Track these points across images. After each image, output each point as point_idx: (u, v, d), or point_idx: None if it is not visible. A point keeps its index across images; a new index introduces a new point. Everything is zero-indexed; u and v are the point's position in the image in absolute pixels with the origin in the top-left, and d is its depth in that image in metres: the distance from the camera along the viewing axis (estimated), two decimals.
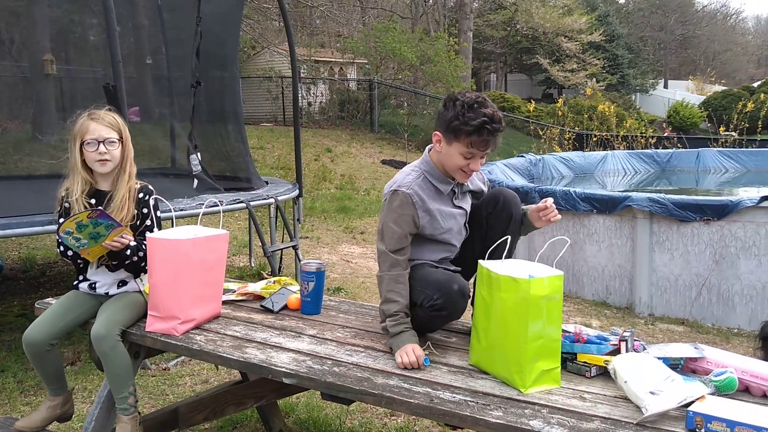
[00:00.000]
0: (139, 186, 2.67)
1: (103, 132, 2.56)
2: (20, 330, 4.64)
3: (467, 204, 2.53)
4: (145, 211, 2.66)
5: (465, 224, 2.51)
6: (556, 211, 2.37)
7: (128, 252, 2.54)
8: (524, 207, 2.51)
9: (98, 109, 2.65)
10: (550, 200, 2.37)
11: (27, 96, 8.02)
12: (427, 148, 2.47)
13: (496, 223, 2.41)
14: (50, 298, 2.79)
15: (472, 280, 2.43)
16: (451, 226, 2.44)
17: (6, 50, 7.92)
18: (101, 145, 2.55)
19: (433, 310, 2.23)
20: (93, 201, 2.55)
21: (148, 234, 2.51)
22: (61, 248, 2.61)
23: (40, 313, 2.69)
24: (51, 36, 7.69)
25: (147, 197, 2.67)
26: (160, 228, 2.69)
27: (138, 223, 2.63)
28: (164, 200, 2.65)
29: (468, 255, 2.49)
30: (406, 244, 2.34)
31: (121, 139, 2.62)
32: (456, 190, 2.47)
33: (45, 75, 7.40)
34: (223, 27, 6.21)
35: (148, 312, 2.49)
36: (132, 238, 2.54)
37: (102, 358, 2.44)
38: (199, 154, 5.57)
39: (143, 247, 2.55)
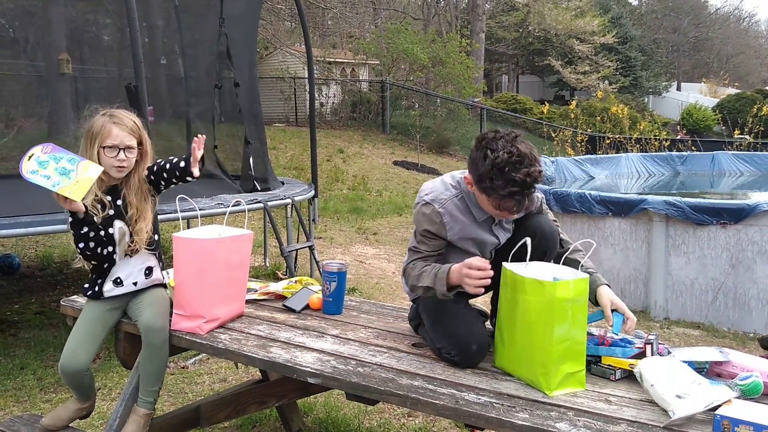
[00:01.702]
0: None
1: (125, 139, 2.45)
2: (39, 327, 4.72)
3: (504, 235, 2.36)
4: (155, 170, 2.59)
5: (491, 251, 2.38)
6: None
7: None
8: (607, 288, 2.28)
9: (118, 110, 2.53)
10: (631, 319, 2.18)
11: (43, 95, 8.09)
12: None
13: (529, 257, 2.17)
14: (76, 296, 2.79)
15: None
16: (475, 252, 2.30)
17: (21, 49, 7.98)
18: (122, 152, 2.45)
19: (450, 361, 2.17)
20: (109, 198, 2.47)
21: (174, 234, 2.50)
22: (81, 245, 2.46)
23: (67, 312, 2.70)
24: (66, 35, 7.74)
25: (152, 167, 2.59)
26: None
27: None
28: (189, 199, 2.65)
29: (495, 277, 2.25)
30: (434, 246, 2.29)
31: (140, 145, 2.53)
32: (496, 219, 2.30)
33: (61, 74, 7.45)
34: (242, 28, 6.25)
35: (174, 310, 2.50)
36: (102, 169, 2.39)
37: (148, 349, 2.42)
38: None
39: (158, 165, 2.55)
